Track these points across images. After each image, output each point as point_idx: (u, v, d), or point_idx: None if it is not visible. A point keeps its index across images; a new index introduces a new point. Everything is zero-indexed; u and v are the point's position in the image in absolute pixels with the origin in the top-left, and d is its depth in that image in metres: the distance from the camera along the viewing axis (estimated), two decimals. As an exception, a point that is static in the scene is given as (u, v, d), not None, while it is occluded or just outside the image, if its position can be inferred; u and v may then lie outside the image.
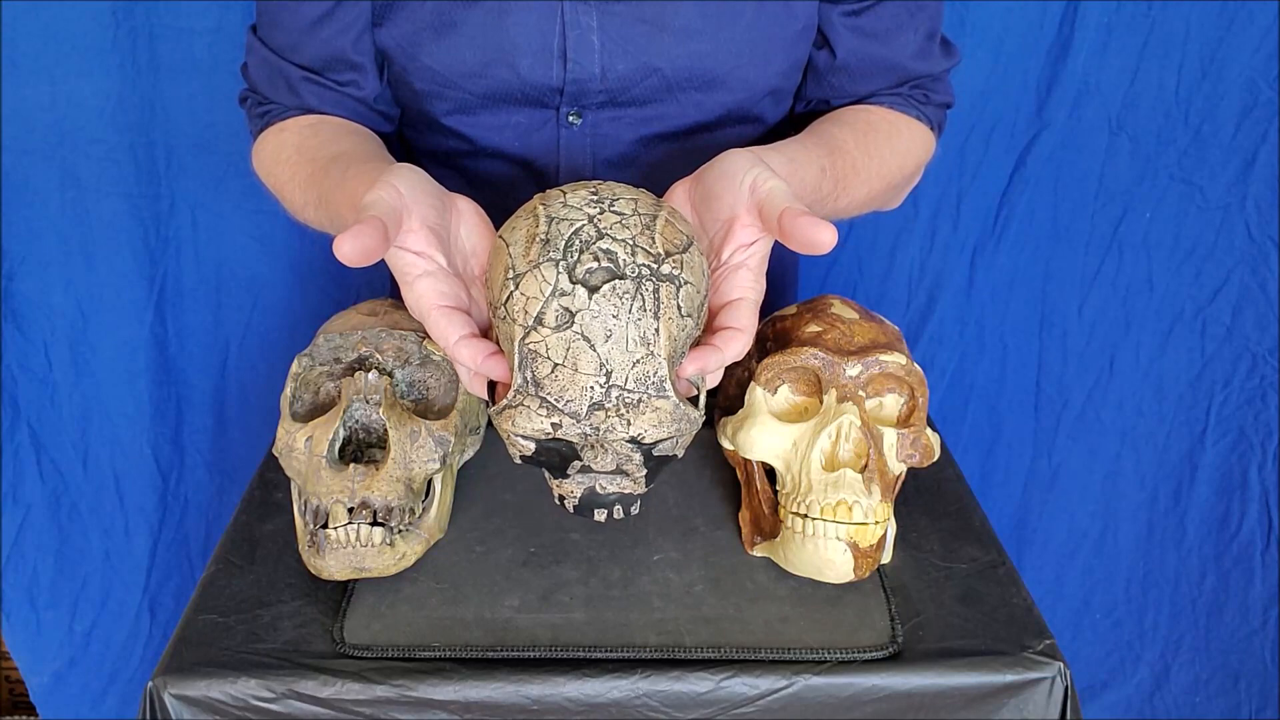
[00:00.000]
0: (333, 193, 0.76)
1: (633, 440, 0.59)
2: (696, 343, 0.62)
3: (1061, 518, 1.49)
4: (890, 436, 0.74)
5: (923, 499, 0.83)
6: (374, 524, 0.71)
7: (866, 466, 0.72)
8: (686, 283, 0.59)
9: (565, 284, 0.57)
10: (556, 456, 0.62)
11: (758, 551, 0.76)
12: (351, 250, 0.53)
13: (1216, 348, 1.37)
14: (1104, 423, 1.43)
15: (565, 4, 0.82)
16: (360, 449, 0.76)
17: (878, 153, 0.85)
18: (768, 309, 0.83)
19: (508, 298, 0.59)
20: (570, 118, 0.88)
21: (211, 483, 1.43)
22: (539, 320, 0.57)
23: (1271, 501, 1.40)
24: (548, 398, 0.58)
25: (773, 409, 0.76)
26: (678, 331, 0.59)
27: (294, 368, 0.78)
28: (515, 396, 0.59)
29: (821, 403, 0.74)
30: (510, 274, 0.59)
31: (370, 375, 0.76)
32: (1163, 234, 1.32)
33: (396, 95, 0.90)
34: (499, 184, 0.92)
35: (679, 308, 0.59)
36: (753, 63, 0.86)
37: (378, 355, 0.78)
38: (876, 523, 0.71)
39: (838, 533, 0.70)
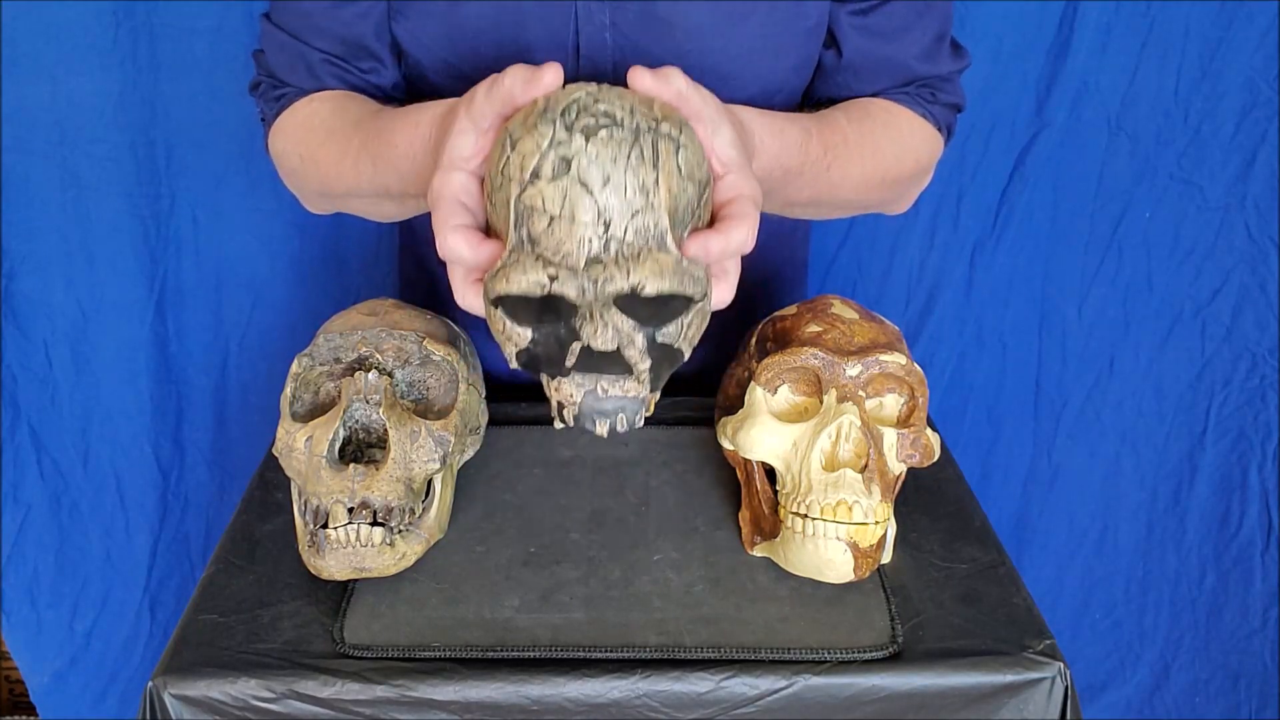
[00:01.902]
0: (387, 124, 0.75)
1: (632, 291, 0.56)
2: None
3: (1061, 518, 1.49)
4: (890, 436, 0.74)
5: (923, 499, 0.83)
6: (374, 524, 0.71)
7: (866, 466, 0.72)
8: (685, 146, 0.57)
9: (561, 135, 0.55)
10: (554, 341, 0.59)
11: (758, 551, 0.76)
12: (557, 74, 0.57)
13: (1216, 348, 1.37)
14: (1104, 423, 1.43)
15: (579, 2, 0.82)
16: (360, 449, 0.76)
17: (872, 134, 0.85)
18: (773, 310, 0.84)
19: (504, 164, 0.57)
20: None
21: (211, 482, 1.43)
22: (535, 174, 0.55)
23: (1271, 501, 1.40)
24: (544, 252, 0.55)
25: (773, 409, 0.76)
26: (678, 190, 0.56)
27: (294, 368, 0.78)
28: (510, 255, 0.56)
29: (821, 403, 0.74)
30: (507, 145, 0.57)
31: (370, 375, 0.76)
32: (1163, 234, 1.32)
33: (412, 88, 0.91)
34: None
35: (679, 167, 0.56)
36: (764, 60, 0.86)
37: (378, 355, 0.78)
38: (876, 523, 0.71)
39: (838, 533, 0.70)
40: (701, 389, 0.95)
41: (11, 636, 1.47)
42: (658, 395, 0.62)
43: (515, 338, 0.59)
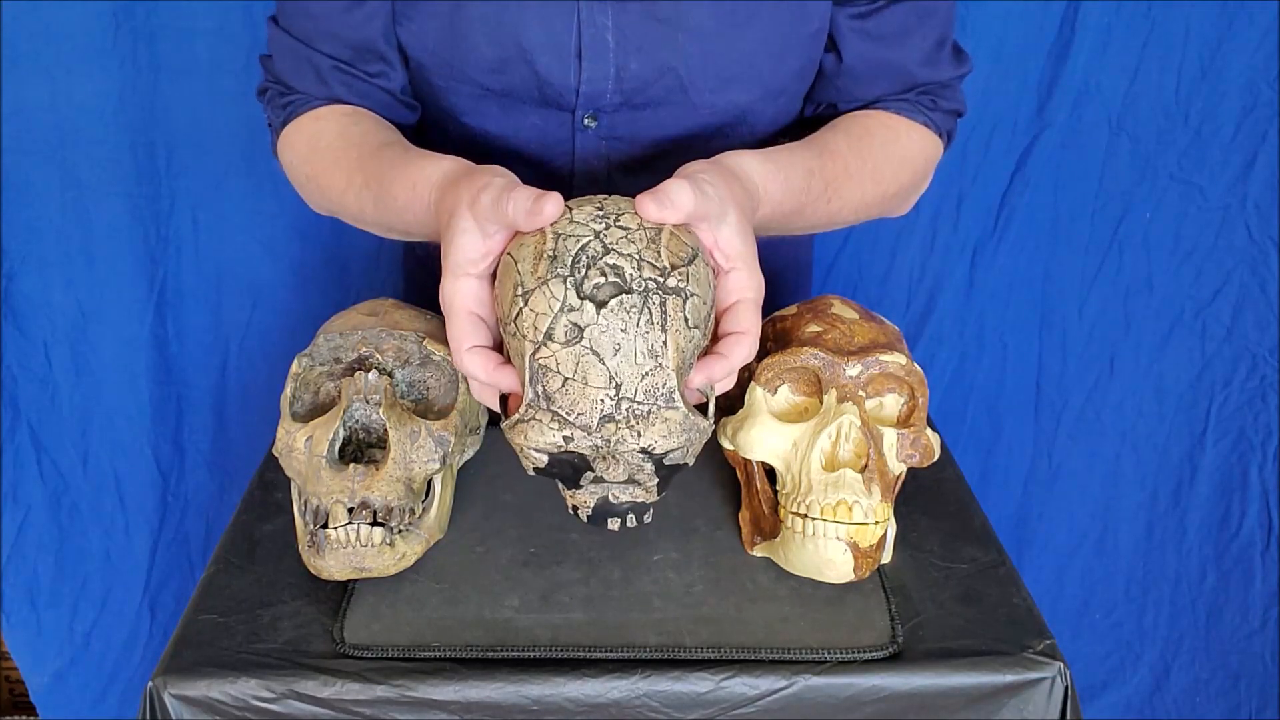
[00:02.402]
0: (388, 172, 0.77)
1: (643, 451, 0.60)
2: (704, 352, 0.63)
3: (1061, 518, 1.49)
4: (890, 436, 0.74)
5: (923, 499, 0.83)
6: (374, 524, 0.71)
7: (866, 466, 0.72)
8: (692, 295, 0.60)
9: (573, 300, 0.58)
10: (569, 468, 0.62)
11: (758, 551, 0.76)
12: (557, 207, 0.60)
13: (1216, 348, 1.37)
14: (1104, 423, 1.43)
15: (581, 3, 0.82)
16: (360, 449, 0.76)
17: (872, 157, 0.85)
18: (775, 310, 0.84)
19: (517, 314, 0.59)
20: (586, 120, 0.88)
21: (211, 483, 1.43)
22: (548, 336, 0.58)
23: (1271, 501, 1.40)
24: (559, 411, 0.58)
25: (773, 409, 0.76)
26: (685, 343, 0.59)
27: (294, 368, 0.78)
28: (527, 411, 0.60)
29: (821, 403, 0.74)
30: (519, 290, 0.60)
31: (370, 375, 0.76)
32: (1163, 234, 1.32)
33: (416, 92, 0.91)
34: None
35: (685, 319, 0.59)
36: (767, 63, 0.86)
37: (378, 355, 0.78)
38: (876, 523, 0.71)
39: (838, 533, 0.70)
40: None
41: (11, 636, 1.47)
42: (664, 494, 0.66)
43: (534, 460, 0.62)
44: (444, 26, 0.84)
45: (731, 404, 0.81)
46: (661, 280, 0.59)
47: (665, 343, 0.58)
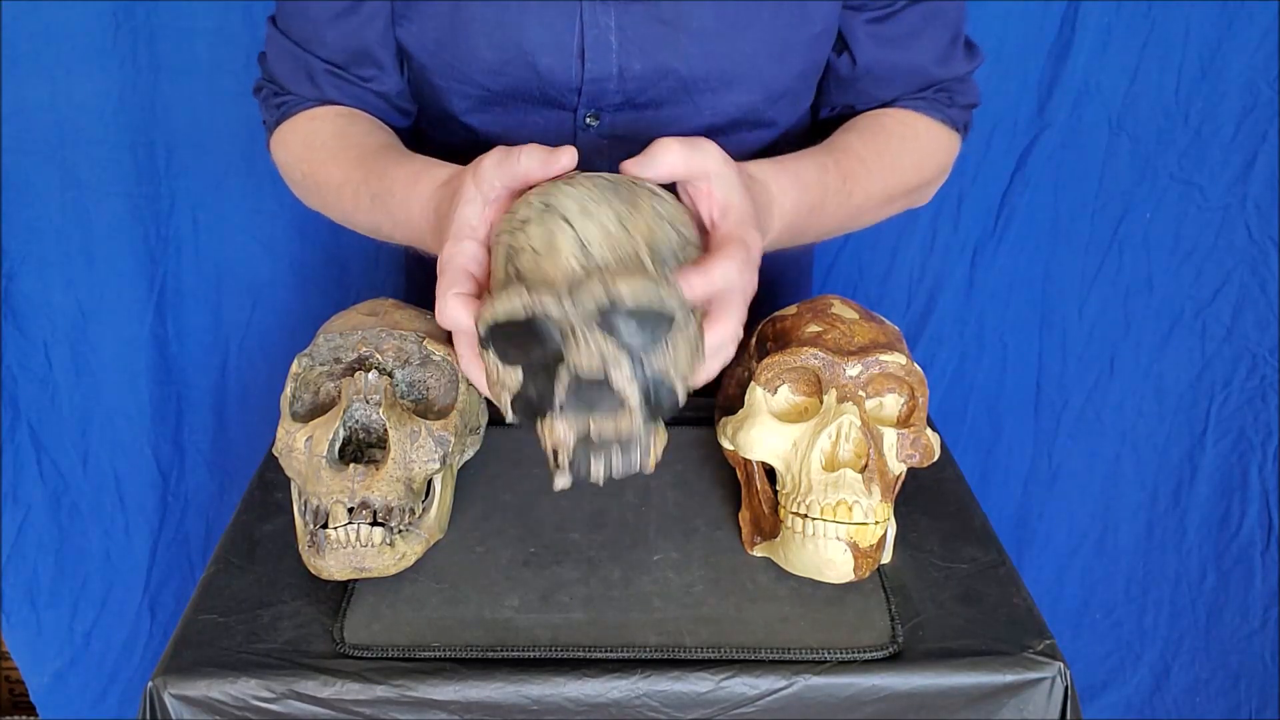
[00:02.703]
0: (390, 170, 0.77)
1: (612, 305, 0.56)
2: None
3: (1061, 518, 1.49)
4: (890, 436, 0.74)
5: (923, 499, 0.83)
6: (374, 524, 0.71)
7: (866, 466, 0.72)
8: (666, 200, 0.61)
9: (549, 186, 0.60)
10: (543, 375, 0.58)
11: (758, 551, 0.76)
12: (572, 158, 0.61)
13: (1216, 348, 1.37)
14: (1104, 423, 1.43)
15: (584, 3, 0.82)
16: (360, 449, 0.76)
17: (889, 151, 0.85)
18: (776, 310, 0.84)
19: (499, 229, 0.61)
20: (587, 120, 0.88)
21: (211, 483, 1.43)
22: (523, 221, 0.59)
23: (1271, 501, 1.40)
24: (528, 281, 0.58)
25: (773, 409, 0.76)
26: (655, 226, 0.59)
27: (294, 368, 0.78)
28: (497, 288, 0.59)
29: (821, 403, 0.74)
30: (513, 217, 0.61)
31: (370, 375, 0.76)
32: (1163, 234, 1.32)
33: (416, 92, 0.91)
34: None
35: (657, 210, 0.60)
36: (769, 64, 0.86)
37: (378, 355, 0.78)
38: (876, 523, 0.71)
39: (838, 533, 0.70)
40: (701, 389, 0.95)
41: (11, 636, 1.47)
42: (660, 442, 0.61)
43: (508, 382, 0.60)
44: (444, 27, 0.84)
45: (731, 404, 0.81)
46: (636, 184, 0.61)
47: (634, 215, 0.59)
